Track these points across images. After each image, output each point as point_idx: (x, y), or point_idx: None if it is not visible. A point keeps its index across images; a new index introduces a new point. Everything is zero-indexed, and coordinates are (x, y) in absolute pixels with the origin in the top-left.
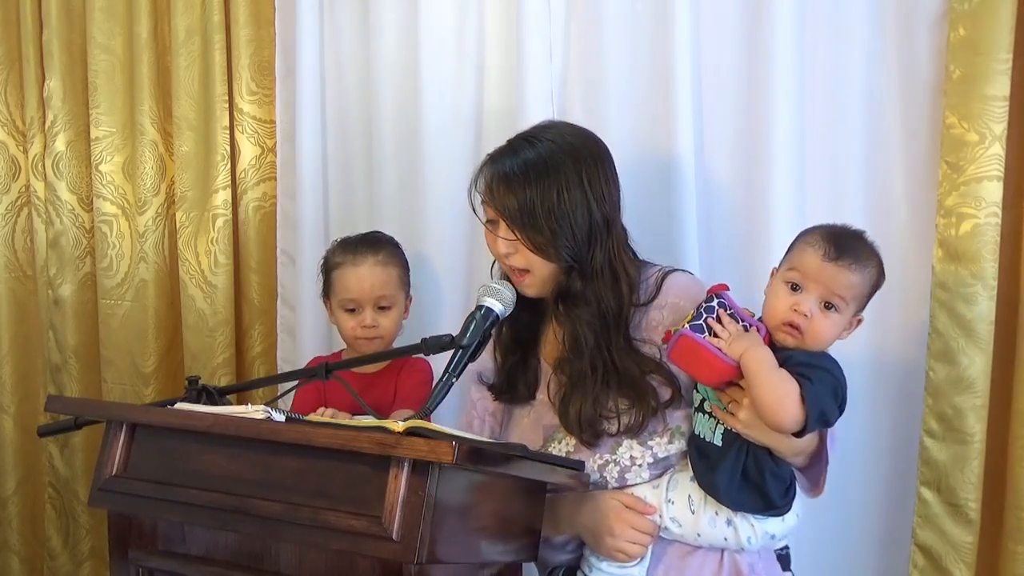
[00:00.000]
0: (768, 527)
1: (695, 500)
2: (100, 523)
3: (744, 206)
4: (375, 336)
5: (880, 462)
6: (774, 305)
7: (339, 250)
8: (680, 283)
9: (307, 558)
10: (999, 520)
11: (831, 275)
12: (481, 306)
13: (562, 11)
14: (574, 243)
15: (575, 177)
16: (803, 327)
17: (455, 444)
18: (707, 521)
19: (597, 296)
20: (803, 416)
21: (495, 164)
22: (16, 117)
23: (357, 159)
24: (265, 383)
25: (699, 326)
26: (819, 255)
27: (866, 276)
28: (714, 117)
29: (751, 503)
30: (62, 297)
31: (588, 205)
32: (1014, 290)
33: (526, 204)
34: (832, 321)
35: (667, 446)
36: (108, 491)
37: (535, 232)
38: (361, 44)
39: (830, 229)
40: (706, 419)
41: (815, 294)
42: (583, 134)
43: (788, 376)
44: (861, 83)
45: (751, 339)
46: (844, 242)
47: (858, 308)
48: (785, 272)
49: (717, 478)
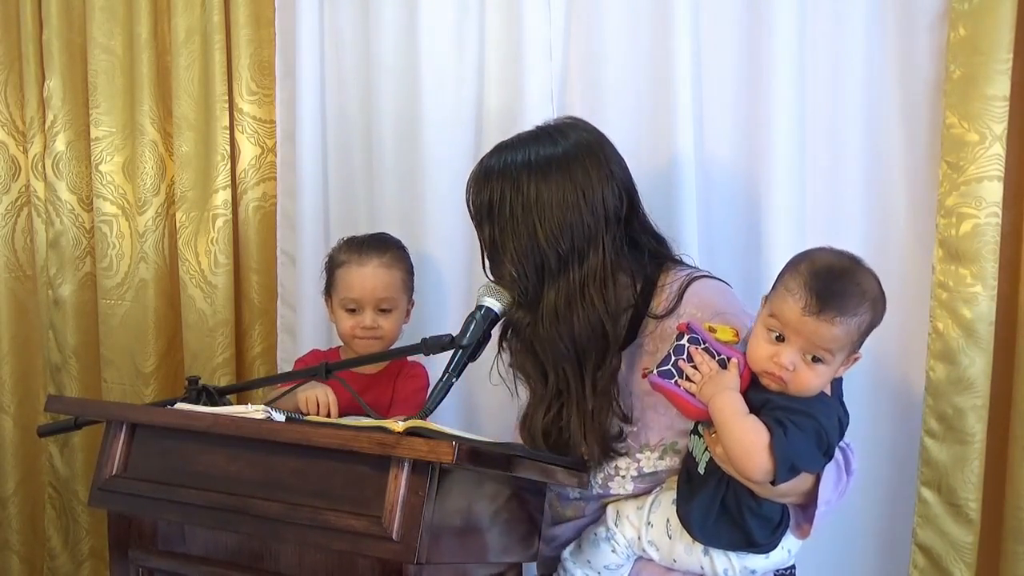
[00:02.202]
0: (748, 562)
1: (672, 525)
2: (100, 523)
3: (744, 205)
4: (375, 337)
5: (880, 462)
6: (755, 351)
7: (345, 248)
8: (700, 293)
9: (307, 558)
10: (999, 520)
11: (812, 330)
12: (481, 306)
13: (562, 11)
14: (519, 277)
15: (525, 217)
16: (786, 379)
17: (455, 444)
18: (683, 549)
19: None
20: (772, 466)
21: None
22: (16, 117)
23: (357, 159)
24: (265, 383)
25: (667, 371)
26: (799, 307)
27: (853, 326)
28: (714, 117)
29: (728, 538)
30: (62, 297)
31: (535, 241)
32: (1014, 290)
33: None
34: (817, 372)
35: (656, 461)
36: (108, 491)
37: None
38: (361, 44)
39: (814, 273)
40: (699, 441)
41: (797, 347)
42: (595, 132)
43: (756, 425)
44: (861, 83)
45: (720, 383)
46: (828, 291)
47: (850, 353)
48: (766, 318)
49: (692, 510)
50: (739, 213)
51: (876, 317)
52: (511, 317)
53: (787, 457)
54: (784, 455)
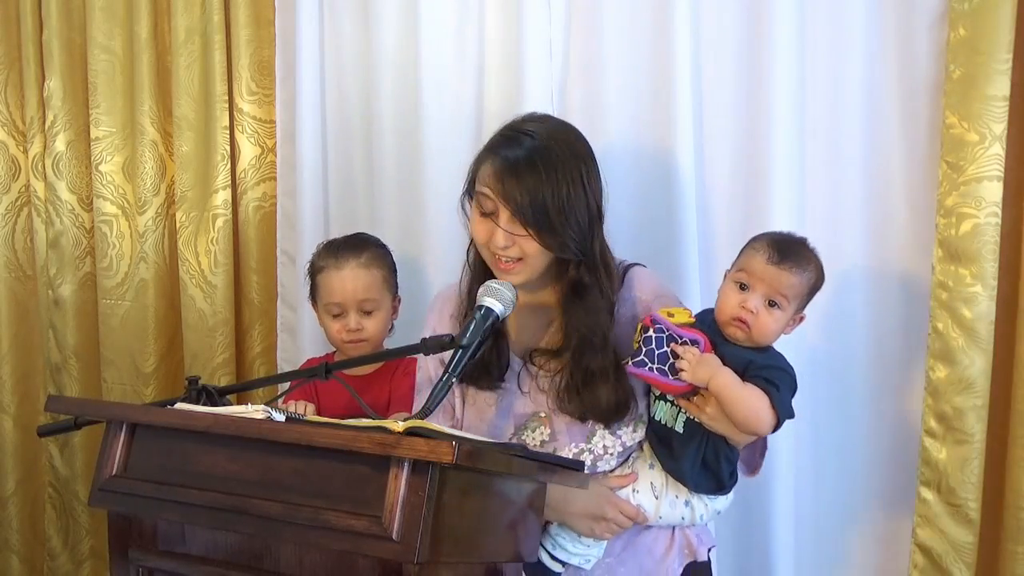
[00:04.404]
0: (717, 505)
1: (656, 486)
2: (100, 523)
3: (744, 205)
4: (360, 339)
5: (880, 462)
6: (725, 302)
7: (323, 253)
8: (640, 277)
9: (307, 558)
10: (999, 520)
11: (774, 276)
12: (481, 306)
13: (562, 11)
14: (580, 237)
15: (576, 172)
16: (750, 322)
17: (455, 444)
18: (668, 504)
19: (601, 287)
20: (774, 420)
21: (499, 156)
22: (16, 117)
23: (357, 159)
24: (265, 383)
25: (640, 361)
26: (764, 258)
27: (805, 278)
28: (714, 117)
29: (707, 485)
30: (62, 297)
31: (587, 199)
32: (1014, 290)
33: (538, 198)
34: (775, 317)
35: (632, 435)
36: (108, 491)
37: (545, 226)
38: (361, 44)
39: (775, 236)
40: (667, 407)
41: (760, 292)
42: (573, 129)
43: (756, 391)
44: (861, 83)
45: (710, 364)
46: (786, 248)
47: (799, 306)
48: (735, 273)
49: (683, 464)
50: (739, 213)
51: (819, 281)
52: (576, 278)
53: (784, 410)
54: (782, 409)
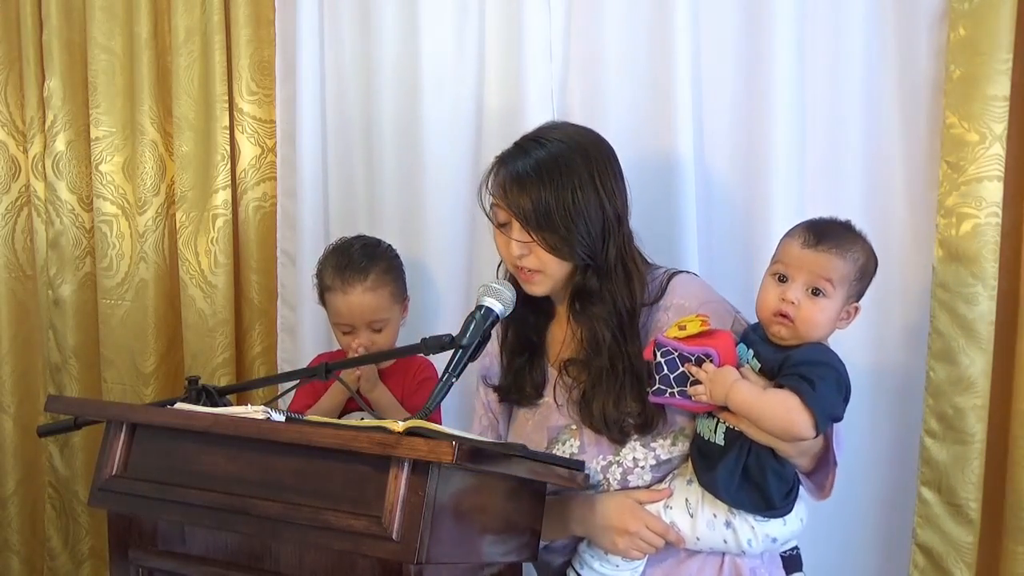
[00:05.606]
0: (768, 529)
1: (692, 503)
2: (100, 523)
3: (744, 206)
4: None
5: (880, 462)
6: (764, 298)
7: (331, 270)
8: (685, 284)
9: (307, 558)
10: (999, 520)
11: (812, 260)
12: (481, 306)
13: (562, 11)
14: (589, 241)
15: (587, 175)
16: (792, 315)
17: (455, 444)
18: (705, 523)
19: (612, 294)
20: (812, 420)
21: (507, 166)
22: (16, 117)
23: (357, 159)
24: (265, 383)
25: (659, 390)
26: (800, 243)
27: (849, 260)
28: (714, 117)
29: (750, 502)
30: (62, 297)
31: (600, 203)
32: (1014, 290)
33: (541, 204)
34: (820, 306)
35: (670, 448)
36: (108, 491)
37: (551, 232)
38: (361, 44)
39: (813, 221)
40: (707, 419)
41: (800, 281)
42: (590, 133)
43: (780, 394)
44: (861, 83)
45: (724, 381)
46: (825, 230)
47: (849, 293)
48: (772, 266)
49: (717, 474)
50: (739, 213)
51: (870, 264)
52: (582, 284)
53: (823, 407)
54: (820, 406)
